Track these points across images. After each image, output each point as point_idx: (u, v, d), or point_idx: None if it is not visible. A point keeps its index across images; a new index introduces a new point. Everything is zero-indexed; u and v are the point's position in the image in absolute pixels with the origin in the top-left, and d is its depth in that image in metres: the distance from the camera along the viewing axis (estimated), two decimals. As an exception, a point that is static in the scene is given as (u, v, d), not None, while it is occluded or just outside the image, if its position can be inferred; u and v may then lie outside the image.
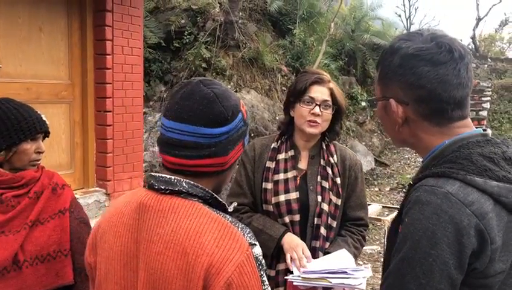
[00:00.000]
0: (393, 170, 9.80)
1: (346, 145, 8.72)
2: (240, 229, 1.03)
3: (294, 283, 1.74)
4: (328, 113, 1.91)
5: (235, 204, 1.14)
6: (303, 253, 1.80)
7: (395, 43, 1.11)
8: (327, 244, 1.91)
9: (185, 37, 7.44)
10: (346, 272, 1.70)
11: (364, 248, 2.24)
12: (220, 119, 1.05)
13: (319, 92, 1.91)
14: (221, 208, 1.09)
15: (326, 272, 1.72)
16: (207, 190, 1.07)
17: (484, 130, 1.10)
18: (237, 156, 1.12)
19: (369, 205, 5.82)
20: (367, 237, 2.41)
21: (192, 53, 7.20)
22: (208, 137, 1.04)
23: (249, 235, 1.04)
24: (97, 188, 4.67)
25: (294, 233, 1.89)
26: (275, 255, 1.89)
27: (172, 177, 1.06)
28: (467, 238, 0.94)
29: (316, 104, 1.89)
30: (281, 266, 1.89)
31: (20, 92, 3.97)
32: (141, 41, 4.94)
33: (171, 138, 1.06)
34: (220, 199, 1.09)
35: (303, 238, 1.88)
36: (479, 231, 0.94)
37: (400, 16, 14.34)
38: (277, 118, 7.50)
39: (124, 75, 4.69)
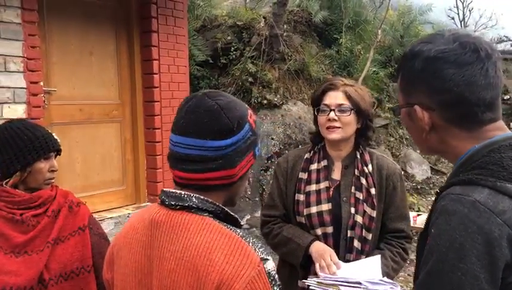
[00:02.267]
0: (451, 179, 9.37)
1: (399, 154, 8.45)
2: (250, 243, 1.02)
3: (310, 287, 1.72)
4: (346, 116, 1.87)
5: (247, 217, 1.12)
6: (331, 259, 1.76)
7: (415, 47, 1.05)
8: (362, 257, 1.85)
9: (232, 53, 7.56)
10: (360, 283, 1.65)
11: (413, 258, 2.15)
12: (225, 131, 1.04)
13: (333, 98, 1.89)
14: (233, 222, 1.08)
15: (342, 280, 1.68)
16: (217, 204, 1.07)
17: None
18: (247, 167, 1.10)
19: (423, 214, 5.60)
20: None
21: (238, 68, 7.30)
22: (213, 150, 1.04)
23: (261, 249, 1.02)
24: (149, 203, 4.80)
25: (327, 245, 1.84)
26: (303, 264, 1.86)
27: (183, 192, 1.06)
28: (498, 250, 0.87)
29: (331, 110, 1.87)
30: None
31: (73, 113, 4.19)
32: (187, 60, 5.08)
33: (178, 153, 1.06)
34: (231, 213, 1.08)
35: (336, 251, 1.83)
36: None
37: (453, 18, 13.83)
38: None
39: (171, 93, 4.82)
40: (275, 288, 1.00)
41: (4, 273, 1.57)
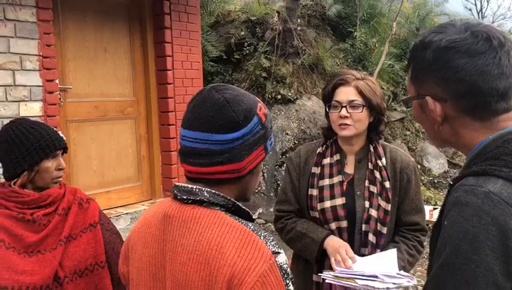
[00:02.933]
0: (469, 172, 9.22)
1: (416, 148, 8.36)
2: (262, 237, 1.01)
3: (326, 281, 1.71)
4: (358, 113, 1.84)
5: (260, 210, 1.12)
6: (347, 254, 1.74)
7: (426, 37, 1.03)
8: (377, 251, 1.83)
9: (245, 49, 7.55)
10: (377, 276, 1.64)
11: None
12: (231, 124, 1.03)
13: (344, 94, 1.86)
14: (245, 216, 1.07)
15: (358, 274, 1.68)
16: (228, 198, 1.06)
17: None
18: (257, 161, 1.09)
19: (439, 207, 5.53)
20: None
21: (252, 64, 7.29)
22: (219, 143, 1.03)
23: (273, 243, 1.01)
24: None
25: (342, 240, 1.83)
26: (319, 259, 1.85)
27: (194, 186, 1.07)
28: None
29: (343, 106, 1.84)
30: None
31: (88, 110, 4.24)
32: (200, 56, 5.08)
33: (186, 147, 1.07)
34: (243, 207, 1.08)
35: (351, 246, 1.81)
36: None
37: (470, 10, 13.60)
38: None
39: (184, 89, 4.84)
40: (287, 281, 0.99)
41: (19, 273, 1.56)
